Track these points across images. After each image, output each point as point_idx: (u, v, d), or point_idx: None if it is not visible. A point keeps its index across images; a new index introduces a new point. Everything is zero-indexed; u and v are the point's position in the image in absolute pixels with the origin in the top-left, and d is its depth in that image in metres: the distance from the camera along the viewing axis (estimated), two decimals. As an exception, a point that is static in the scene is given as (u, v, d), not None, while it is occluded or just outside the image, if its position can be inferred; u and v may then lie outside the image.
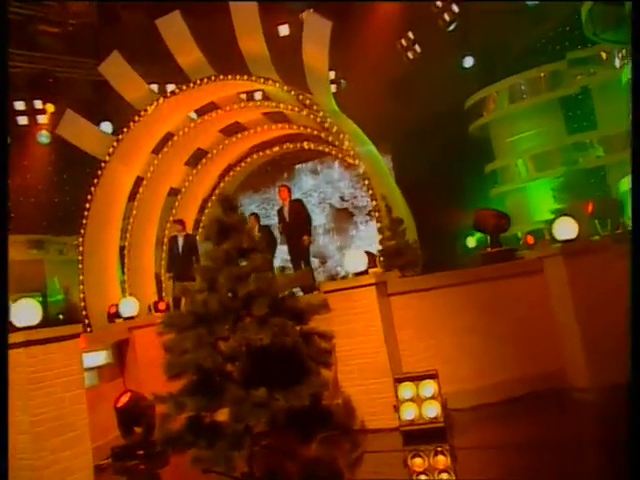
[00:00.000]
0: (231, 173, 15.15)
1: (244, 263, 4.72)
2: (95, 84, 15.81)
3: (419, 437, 4.62)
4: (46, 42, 15.12)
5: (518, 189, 16.75)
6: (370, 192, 9.75)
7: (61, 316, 13.81)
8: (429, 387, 4.71)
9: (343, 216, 15.65)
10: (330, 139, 12.45)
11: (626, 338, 3.03)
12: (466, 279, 5.66)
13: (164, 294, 14.62)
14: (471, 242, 13.02)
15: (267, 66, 11.24)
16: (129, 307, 6.88)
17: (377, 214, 9.73)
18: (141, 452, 5.63)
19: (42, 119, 17.64)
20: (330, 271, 14.89)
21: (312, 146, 13.84)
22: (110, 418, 5.94)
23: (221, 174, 15.22)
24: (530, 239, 9.78)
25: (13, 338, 4.49)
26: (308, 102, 10.36)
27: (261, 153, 14.76)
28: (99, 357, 6.29)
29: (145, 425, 5.64)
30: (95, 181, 12.84)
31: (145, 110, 12.32)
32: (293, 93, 10.62)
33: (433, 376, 4.74)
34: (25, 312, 4.70)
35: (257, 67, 11.28)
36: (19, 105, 17.21)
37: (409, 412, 4.71)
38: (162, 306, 11.57)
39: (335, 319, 5.13)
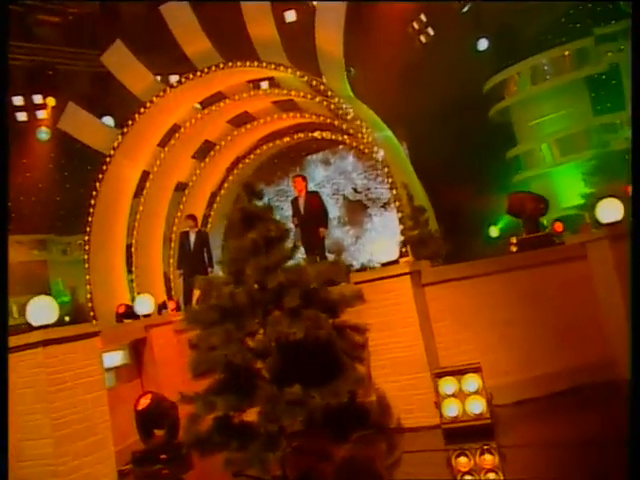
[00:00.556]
0: (240, 165, 15.02)
1: (270, 254, 4.63)
2: (96, 76, 15.72)
3: (463, 435, 4.48)
4: (45, 33, 15.04)
5: (543, 174, 16.43)
6: (390, 180, 9.61)
7: (67, 318, 13.73)
8: (472, 381, 4.57)
9: (357, 208, 15.50)
10: (344, 127, 12.34)
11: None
12: (503, 267, 5.51)
13: (173, 293, 14.54)
14: (494, 231, 12.81)
15: (278, 52, 11.10)
16: (145, 304, 6.77)
17: (398, 203, 9.59)
18: (164, 456, 5.53)
19: (42, 114, 17.58)
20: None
21: (324, 135, 13.70)
22: (129, 421, 5.84)
23: (229, 167, 15.08)
24: (559, 226, 9.59)
25: (30, 337, 4.39)
26: (322, 88, 10.21)
27: (271, 144, 14.63)
28: (116, 357, 6.19)
29: (168, 428, 5.54)
30: (100, 176, 12.73)
31: (151, 101, 12.19)
32: (306, 79, 10.48)
33: (476, 369, 4.60)
34: (41, 310, 4.60)
35: (267, 53, 11.15)
36: (17, 100, 17.15)
37: (452, 408, 4.58)
38: (172, 305, 11.49)
39: (366, 311, 5.00)
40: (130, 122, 12.58)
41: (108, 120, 16.24)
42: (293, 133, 14.32)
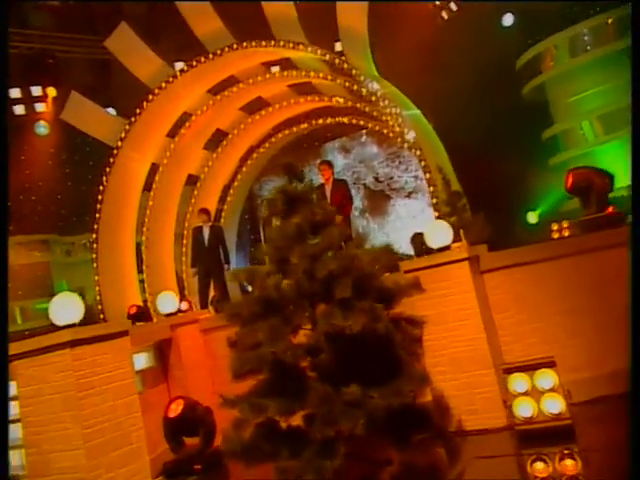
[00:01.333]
0: (254, 155, 14.79)
1: (316, 240, 4.40)
2: (98, 64, 15.52)
3: (539, 437, 4.22)
4: (43, 18, 14.83)
5: (584, 155, 15.88)
6: (422, 164, 9.33)
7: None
8: (547, 377, 4.31)
9: (379, 198, 15.24)
10: (367, 109, 12.07)
11: None
12: (569, 250, 5.23)
13: (187, 293, 14.35)
14: (532, 217, 12.51)
15: (295, 30, 10.86)
16: (168, 302, 6.55)
17: (432, 189, 9.30)
18: (199, 466, 5.31)
19: (41, 107, 17.40)
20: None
21: (345, 120, 13.43)
22: (158, 429, 5.63)
23: (242, 157, 14.87)
24: (610, 208, 9.22)
25: (57, 338, 4.17)
26: (345, 67, 9.94)
27: (287, 131, 14.39)
28: (140, 360, 5.98)
29: (203, 435, 5.31)
30: (107, 170, 12.53)
31: (160, 87, 11.98)
32: (328, 57, 10.21)
33: (550, 364, 4.34)
34: (66, 308, 4.38)
35: (284, 32, 10.90)
36: (14, 92, 16.97)
37: (525, 408, 4.32)
38: (185, 306, 11.28)
39: (418, 303, 4.75)
40: (138, 111, 12.36)
41: (111, 112, 16.02)
42: (310, 119, 14.05)
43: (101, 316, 12.57)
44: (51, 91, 15.05)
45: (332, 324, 3.96)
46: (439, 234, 5.07)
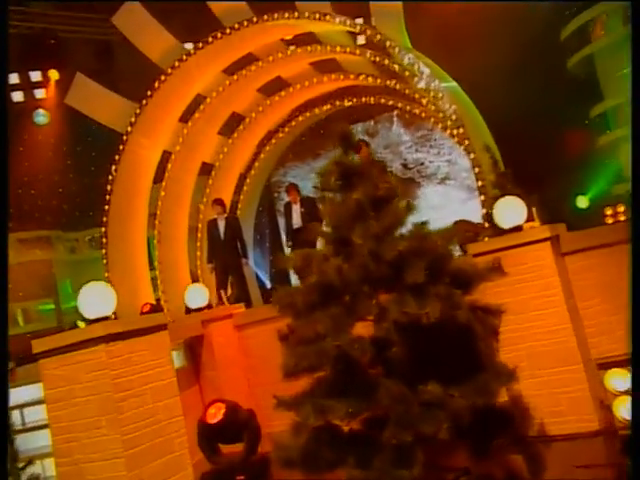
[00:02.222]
0: (273, 141, 14.52)
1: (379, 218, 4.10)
2: (102, 45, 15.28)
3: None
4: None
5: (638, 133, 15.38)
6: (466, 142, 8.98)
7: (81, 323, 13.29)
8: (652, 372, 3.97)
9: (409, 186, 14.90)
10: (397, 87, 11.75)
11: None
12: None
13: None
14: (583, 202, 12.13)
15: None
16: (198, 295, 6.25)
17: (477, 170, 8.96)
18: (241, 477, 5.02)
19: (40, 93, 17.21)
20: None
21: (372, 100, 13.11)
22: (192, 436, 5.34)
23: (260, 143, 14.59)
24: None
25: (87, 333, 3.89)
26: (379, 38, 9.61)
27: (308, 114, 14.08)
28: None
29: (248, 442, 5.03)
30: (117, 158, 12.27)
31: (173, 67, 11.71)
32: (358, 29, 9.89)
33: (654, 357, 4.00)
34: (97, 299, 4.10)
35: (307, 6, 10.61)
36: (13, 78, 16.78)
37: (629, 409, 3.98)
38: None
39: (490, 290, 4.41)
40: (149, 93, 12.09)
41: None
42: (333, 100, 13.74)
43: (112, 316, 12.31)
44: (53, 74, 14.81)
45: (405, 312, 3.65)
46: (511, 212, 4.75)
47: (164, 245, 13.53)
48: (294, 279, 15.46)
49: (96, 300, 4.11)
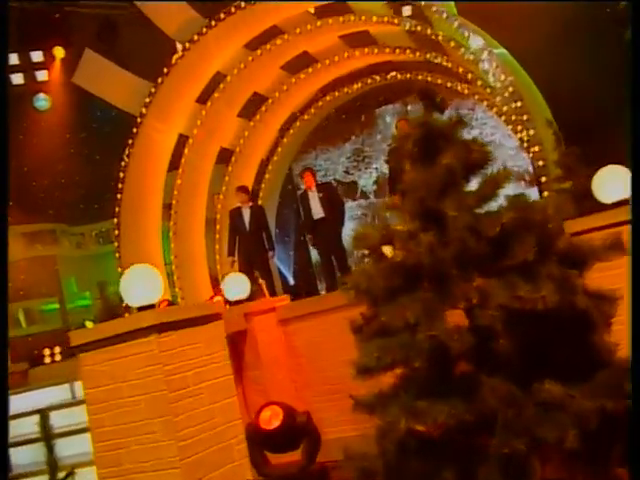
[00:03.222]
0: (297, 123, 14.18)
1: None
2: (110, 20, 14.98)
3: None
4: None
5: None
6: (525, 117, 8.60)
7: (89, 323, 13.09)
8: None
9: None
10: (439, 61, 11.39)
11: None
12: None
13: (222, 286, 13.82)
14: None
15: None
16: (239, 285, 5.92)
17: (537, 148, 8.58)
18: (299, 490, 4.71)
19: (42, 75, 16.92)
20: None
21: (408, 77, 12.76)
22: (238, 444, 5.02)
23: (283, 127, 14.27)
24: None
25: (135, 322, 3.57)
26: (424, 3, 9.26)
27: (336, 93, 13.74)
28: (213, 358, 5.38)
29: (306, 450, 4.71)
30: (130, 142, 12.00)
31: (191, 41, 11.43)
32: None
33: None
34: (143, 284, 3.78)
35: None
36: (12, 59, 16.49)
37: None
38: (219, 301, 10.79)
39: (594, 274, 4.05)
40: (165, 70, 11.82)
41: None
42: (364, 77, 13.40)
43: (127, 315, 12.06)
44: (58, 51, 14.49)
45: (516, 297, 3.30)
46: (613, 184, 4.40)
47: (180, 238, 13.31)
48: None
49: (142, 285, 3.79)
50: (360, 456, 3.80)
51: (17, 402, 6.10)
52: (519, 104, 8.65)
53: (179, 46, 16.92)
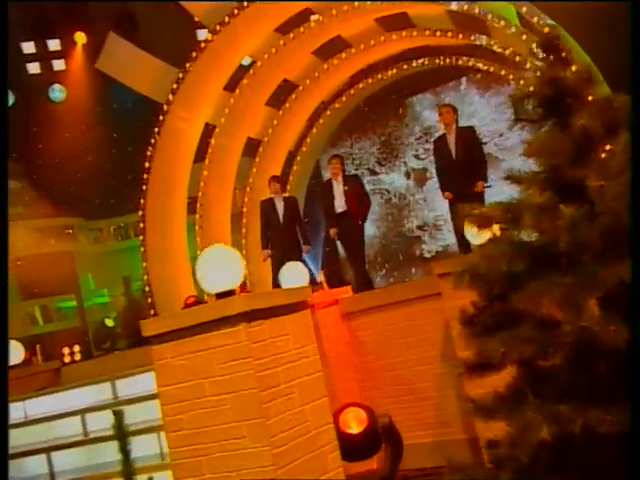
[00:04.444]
0: (327, 112, 13.73)
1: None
2: (126, 9, 14.58)
3: None
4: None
5: None
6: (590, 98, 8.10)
7: (109, 321, 12.72)
8: None
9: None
10: (483, 42, 10.92)
11: None
12: None
13: (248, 283, 13.40)
14: None
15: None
16: (297, 276, 5.47)
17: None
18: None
19: (59, 65, 16.57)
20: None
21: (449, 61, 12.30)
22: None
23: (312, 116, 13.82)
24: None
25: (221, 309, 3.12)
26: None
27: (370, 80, 13.28)
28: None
29: (390, 456, 4.26)
30: (156, 130, 11.57)
31: (222, 23, 11.00)
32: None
33: None
34: (222, 267, 3.33)
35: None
36: (28, 47, 16.14)
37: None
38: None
39: None
40: (193, 54, 11.39)
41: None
42: (400, 63, 12.93)
43: (152, 311, 11.67)
44: (80, 37, 14.08)
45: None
46: None
47: (206, 231, 12.88)
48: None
49: (222, 269, 3.35)
50: (471, 467, 3.36)
51: (56, 402, 5.70)
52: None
53: (201, 33, 16.62)
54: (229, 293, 3.32)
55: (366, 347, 5.58)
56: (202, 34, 16.47)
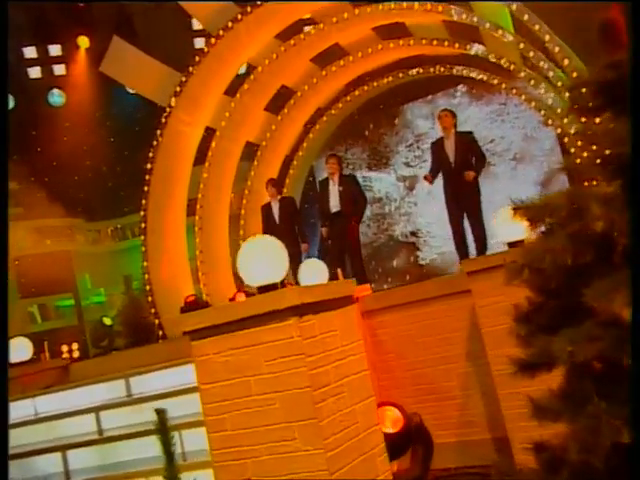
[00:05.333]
0: (324, 118, 13.42)
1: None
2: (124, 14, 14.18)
3: None
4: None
5: None
6: (590, 104, 7.86)
7: (107, 320, 12.27)
8: None
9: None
10: (478, 52, 10.67)
11: None
12: None
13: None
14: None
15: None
16: (317, 272, 5.13)
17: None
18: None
19: (60, 70, 16.10)
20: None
21: (442, 70, 12.04)
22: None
23: (309, 121, 13.49)
24: None
25: (269, 302, 2.78)
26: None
27: (365, 87, 13.00)
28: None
29: (422, 456, 3.93)
30: (158, 132, 11.17)
31: (226, 28, 10.66)
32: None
33: None
34: (267, 258, 2.99)
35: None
36: (30, 52, 15.66)
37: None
38: (240, 297, 10.02)
39: None
40: (197, 59, 11.02)
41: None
42: (396, 71, 12.66)
43: (152, 310, 11.23)
44: (83, 41, 13.62)
45: None
46: None
47: (205, 233, 12.48)
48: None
49: (265, 260, 3.00)
50: (520, 471, 3.03)
51: (72, 398, 5.31)
52: (583, 91, 7.87)
53: (199, 42, 16.22)
54: (272, 287, 2.96)
55: (386, 346, 5.26)
56: (199, 42, 16.21)
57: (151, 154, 11.40)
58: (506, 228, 4.42)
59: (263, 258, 3.02)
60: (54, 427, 5.03)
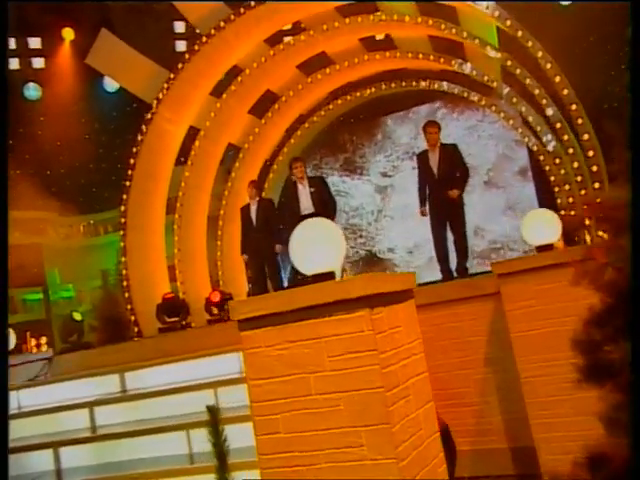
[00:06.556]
0: (306, 125, 13.01)
1: None
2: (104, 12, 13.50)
3: None
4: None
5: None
6: (580, 121, 7.67)
7: (77, 315, 11.47)
8: None
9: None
10: (462, 69, 10.44)
11: None
12: None
13: (221, 282, 12.45)
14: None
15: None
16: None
17: (592, 153, 7.67)
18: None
19: (39, 63, 15.26)
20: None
21: (425, 84, 11.78)
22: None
23: (290, 127, 13.06)
24: None
25: (334, 290, 2.32)
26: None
27: (348, 97, 12.66)
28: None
29: (447, 463, 3.51)
30: (143, 128, 10.57)
31: (218, 27, 10.19)
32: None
33: None
34: (325, 244, 2.53)
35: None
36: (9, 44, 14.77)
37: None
38: (215, 297, 9.52)
39: None
40: (187, 57, 10.48)
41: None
42: (379, 82, 12.36)
43: (128, 306, 10.57)
44: (68, 33, 12.87)
45: None
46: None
47: (184, 231, 11.88)
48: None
49: (322, 245, 2.55)
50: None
51: (66, 392, 4.73)
52: (574, 107, 7.69)
53: (180, 44, 15.59)
54: (328, 275, 2.51)
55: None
56: (181, 46, 15.61)
57: (134, 150, 10.79)
58: (535, 232, 4.08)
59: (321, 243, 2.57)
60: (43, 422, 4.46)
